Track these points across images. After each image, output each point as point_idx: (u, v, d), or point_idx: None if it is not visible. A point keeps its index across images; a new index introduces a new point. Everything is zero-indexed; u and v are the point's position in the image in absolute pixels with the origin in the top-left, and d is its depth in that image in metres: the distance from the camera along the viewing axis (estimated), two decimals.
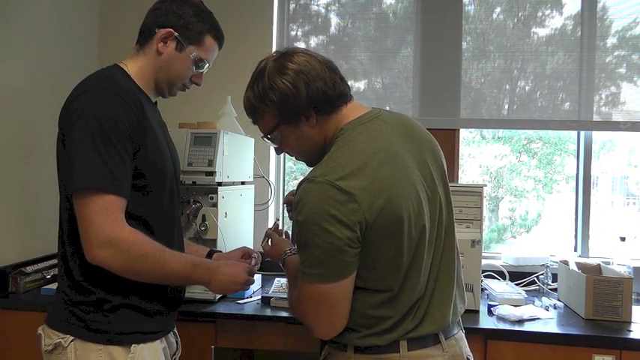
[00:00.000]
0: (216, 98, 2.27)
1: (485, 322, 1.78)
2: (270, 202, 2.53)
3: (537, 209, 2.78)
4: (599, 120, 2.41)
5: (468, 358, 1.24)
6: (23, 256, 2.07)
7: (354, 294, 1.12)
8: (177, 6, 1.35)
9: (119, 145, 1.19)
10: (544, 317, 1.83)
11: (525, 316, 1.79)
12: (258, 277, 2.15)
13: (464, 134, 2.59)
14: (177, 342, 1.47)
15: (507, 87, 2.47)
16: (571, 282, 1.98)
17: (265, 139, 1.25)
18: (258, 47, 2.53)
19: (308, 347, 1.77)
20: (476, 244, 1.87)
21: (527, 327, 1.74)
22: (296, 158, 1.30)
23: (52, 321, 1.28)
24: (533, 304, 1.97)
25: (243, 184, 2.17)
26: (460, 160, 2.54)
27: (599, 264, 2.10)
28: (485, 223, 2.57)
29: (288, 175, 2.80)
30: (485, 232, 2.47)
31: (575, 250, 2.49)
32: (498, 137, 2.80)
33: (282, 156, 2.67)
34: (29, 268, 2.02)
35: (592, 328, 1.73)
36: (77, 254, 1.23)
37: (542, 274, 2.23)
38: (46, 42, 2.22)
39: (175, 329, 1.46)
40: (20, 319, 1.84)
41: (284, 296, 1.89)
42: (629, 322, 1.78)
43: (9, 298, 1.93)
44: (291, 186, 2.78)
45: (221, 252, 1.63)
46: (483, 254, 1.94)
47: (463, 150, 2.59)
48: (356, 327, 1.14)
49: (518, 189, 2.80)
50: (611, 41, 2.41)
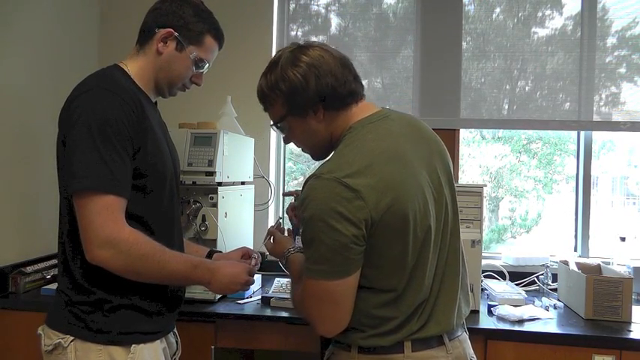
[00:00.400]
0: (216, 98, 2.27)
1: (486, 322, 1.78)
2: (270, 202, 2.53)
3: (537, 209, 2.77)
4: (599, 120, 2.41)
5: (471, 359, 1.24)
6: (23, 256, 2.07)
7: (359, 293, 1.12)
8: (178, 6, 1.35)
9: (119, 145, 1.19)
10: (544, 317, 1.83)
11: (525, 316, 1.79)
12: (258, 277, 2.15)
13: (464, 134, 2.59)
14: (177, 342, 1.47)
15: (507, 87, 2.47)
16: (571, 282, 1.98)
17: (274, 128, 1.27)
18: (258, 47, 2.53)
19: (308, 347, 1.77)
20: (476, 244, 1.87)
21: (527, 327, 1.74)
22: (302, 150, 1.31)
23: (52, 321, 1.28)
24: (533, 304, 1.97)
25: (243, 184, 2.17)
26: (460, 160, 2.54)
27: (599, 264, 2.10)
28: (486, 223, 2.57)
29: (288, 175, 2.80)
30: (485, 232, 2.47)
31: (575, 250, 2.49)
32: (498, 137, 2.80)
33: (282, 156, 2.67)
34: (29, 268, 2.02)
35: (592, 328, 1.73)
36: (77, 254, 1.23)
37: (542, 274, 2.23)
38: (46, 42, 2.22)
39: (175, 329, 1.46)
40: (20, 319, 1.84)
41: (284, 296, 1.89)
42: (629, 322, 1.78)
43: (9, 298, 1.93)
44: (291, 186, 2.78)
45: (221, 252, 1.63)
46: (483, 254, 1.94)
47: (463, 150, 2.59)
48: (360, 327, 1.15)
49: (518, 189, 2.80)
50: (611, 41, 2.40)
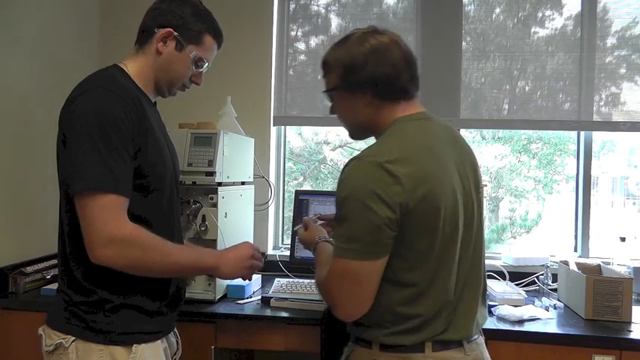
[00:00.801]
0: (216, 98, 2.26)
1: (486, 322, 1.78)
2: (270, 203, 2.53)
3: (537, 209, 2.78)
4: (599, 120, 2.41)
5: None
6: (23, 256, 2.07)
7: (383, 288, 1.14)
8: (177, 6, 1.35)
9: (120, 144, 1.19)
10: (544, 317, 1.83)
11: (525, 317, 1.79)
12: (258, 277, 2.15)
13: (464, 134, 2.58)
14: (177, 342, 1.47)
15: (507, 87, 2.47)
16: (571, 282, 1.98)
17: (325, 95, 1.31)
18: (258, 47, 2.53)
19: (308, 347, 1.77)
20: None
21: (527, 327, 1.74)
22: (342, 125, 1.34)
23: (53, 321, 1.27)
24: (533, 304, 1.97)
25: (243, 184, 2.17)
26: None
27: (599, 264, 2.10)
28: (485, 223, 2.57)
29: (288, 175, 2.80)
30: (485, 233, 2.46)
31: (575, 250, 2.49)
32: (498, 137, 2.80)
33: (283, 156, 2.67)
34: (29, 268, 2.02)
35: (592, 329, 1.73)
36: (78, 254, 1.23)
37: (542, 275, 2.23)
38: (46, 42, 2.22)
39: (175, 329, 1.46)
40: (20, 319, 1.84)
41: (284, 296, 1.89)
42: (629, 323, 1.78)
43: (9, 298, 1.93)
44: (291, 186, 2.78)
45: None
46: None
47: None
48: (383, 323, 1.16)
49: (518, 189, 2.80)
50: (611, 41, 2.40)
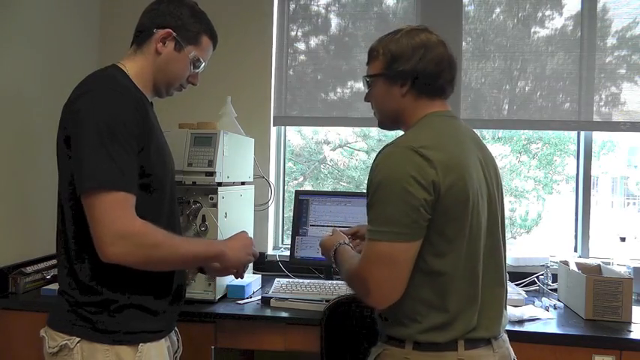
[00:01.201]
0: (216, 98, 2.26)
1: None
2: (270, 203, 2.53)
3: (537, 210, 2.77)
4: (599, 120, 2.41)
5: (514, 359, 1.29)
6: (23, 256, 2.07)
7: (413, 277, 1.15)
8: (175, 7, 1.36)
9: (126, 143, 1.19)
10: (544, 317, 1.83)
11: (525, 317, 1.79)
12: (258, 277, 2.15)
13: None
14: (178, 340, 1.47)
15: (507, 87, 2.47)
16: (571, 282, 1.98)
17: (363, 80, 1.36)
18: (258, 47, 2.53)
19: (308, 347, 1.77)
20: None
21: (527, 327, 1.74)
22: (373, 110, 1.38)
23: (56, 323, 1.27)
24: (534, 304, 1.97)
25: (243, 184, 2.17)
26: None
27: (599, 264, 2.10)
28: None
29: (288, 175, 2.80)
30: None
31: (575, 250, 2.49)
32: (498, 137, 2.80)
33: (283, 156, 2.67)
34: (29, 269, 2.02)
35: (592, 329, 1.73)
36: (83, 254, 1.23)
37: (542, 275, 2.23)
38: (46, 41, 2.22)
39: (176, 327, 1.46)
40: (20, 320, 1.84)
41: (284, 296, 1.89)
42: (629, 323, 1.78)
43: (9, 298, 1.93)
44: (291, 186, 2.78)
45: None
46: None
47: None
48: (415, 316, 1.18)
49: (518, 189, 2.80)
50: (611, 41, 2.40)
